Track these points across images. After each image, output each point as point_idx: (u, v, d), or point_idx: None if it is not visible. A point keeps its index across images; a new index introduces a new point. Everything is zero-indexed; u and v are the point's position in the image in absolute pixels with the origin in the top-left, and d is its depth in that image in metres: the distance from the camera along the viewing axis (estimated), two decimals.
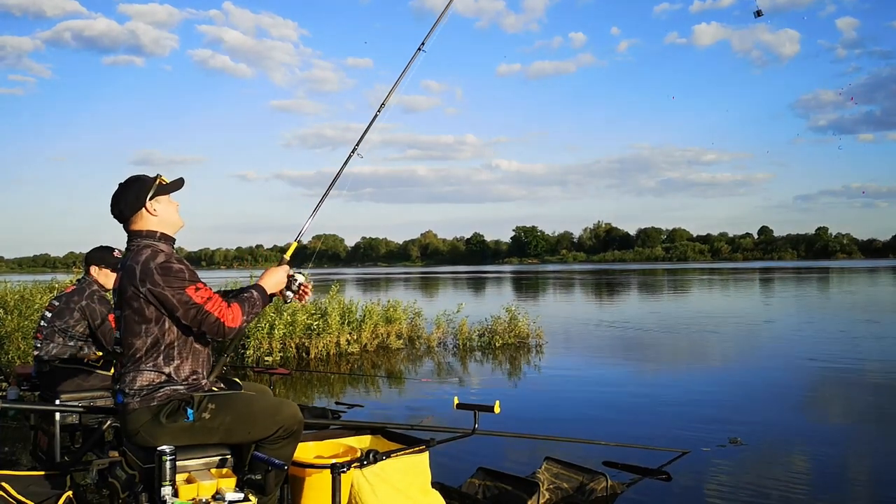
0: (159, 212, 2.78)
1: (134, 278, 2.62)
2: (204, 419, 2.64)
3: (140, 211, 2.76)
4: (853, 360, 9.90)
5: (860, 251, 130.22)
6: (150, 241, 2.74)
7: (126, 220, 2.79)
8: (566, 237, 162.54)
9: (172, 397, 2.64)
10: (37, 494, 3.03)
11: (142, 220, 2.77)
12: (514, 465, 4.84)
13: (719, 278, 45.54)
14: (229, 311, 2.68)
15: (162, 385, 2.65)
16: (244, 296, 2.82)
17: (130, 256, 2.70)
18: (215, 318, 2.64)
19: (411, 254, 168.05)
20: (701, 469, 4.89)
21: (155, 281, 2.60)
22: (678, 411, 6.91)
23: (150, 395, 2.63)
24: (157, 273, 2.61)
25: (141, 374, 2.64)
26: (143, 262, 2.63)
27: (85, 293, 4.48)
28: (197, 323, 2.64)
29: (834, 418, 6.80)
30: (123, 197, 2.78)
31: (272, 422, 2.74)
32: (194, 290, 2.64)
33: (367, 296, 15.26)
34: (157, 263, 2.62)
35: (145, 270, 2.61)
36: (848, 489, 4.53)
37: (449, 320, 12.63)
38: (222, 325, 2.65)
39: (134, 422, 2.63)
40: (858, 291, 28.34)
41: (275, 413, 2.76)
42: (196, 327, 2.66)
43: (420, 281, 51.48)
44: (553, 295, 31.09)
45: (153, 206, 2.77)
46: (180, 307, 2.61)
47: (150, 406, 2.62)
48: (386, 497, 3.14)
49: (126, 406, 2.64)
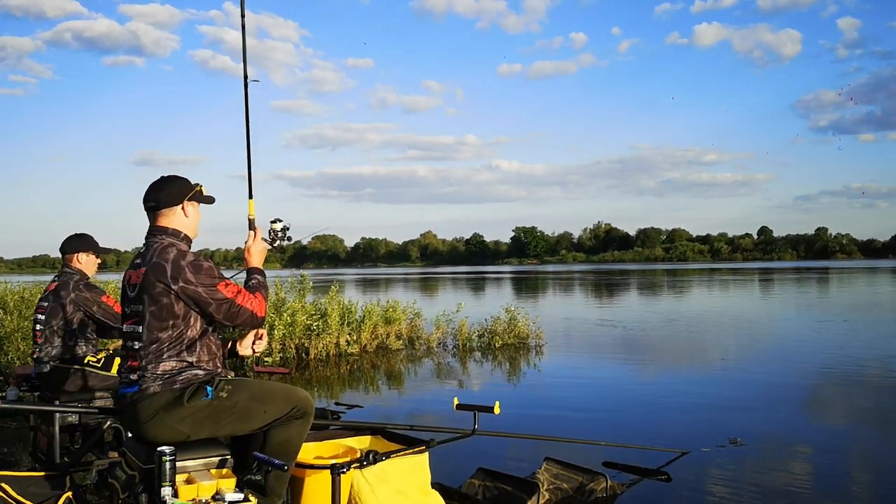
0: (190, 214, 2.88)
1: (164, 275, 2.65)
2: (221, 398, 2.68)
3: (175, 207, 2.84)
4: (853, 360, 9.90)
5: (860, 251, 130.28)
6: (174, 240, 2.78)
7: (158, 211, 2.83)
8: (566, 237, 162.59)
9: (193, 381, 2.69)
10: (36, 495, 3.03)
11: (173, 216, 2.83)
12: (514, 465, 4.85)
13: (719, 279, 45.55)
14: (256, 301, 2.83)
15: (184, 370, 2.69)
16: (253, 284, 2.96)
17: (155, 252, 2.72)
18: (249, 310, 2.77)
19: (411, 254, 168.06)
20: (701, 470, 4.89)
21: (187, 279, 2.66)
22: (678, 412, 6.91)
23: (172, 379, 2.67)
24: (188, 271, 2.66)
25: (163, 363, 2.68)
26: (172, 259, 2.68)
27: (70, 285, 4.39)
28: (231, 317, 2.75)
29: (834, 418, 6.80)
30: (167, 188, 2.85)
31: (287, 401, 2.79)
32: (224, 286, 2.73)
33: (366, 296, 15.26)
34: (187, 262, 2.68)
35: (177, 268, 2.66)
36: (848, 489, 4.53)
37: (448, 321, 12.63)
38: (255, 316, 2.80)
39: (152, 405, 2.63)
40: (858, 292, 28.34)
41: (289, 393, 2.82)
42: (230, 321, 2.77)
43: (420, 281, 51.47)
44: (553, 295, 31.11)
45: (188, 208, 2.86)
46: (214, 303, 2.70)
47: (172, 388, 2.66)
48: (386, 498, 3.14)
49: (145, 391, 2.65)
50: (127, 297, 2.79)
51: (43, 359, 4.38)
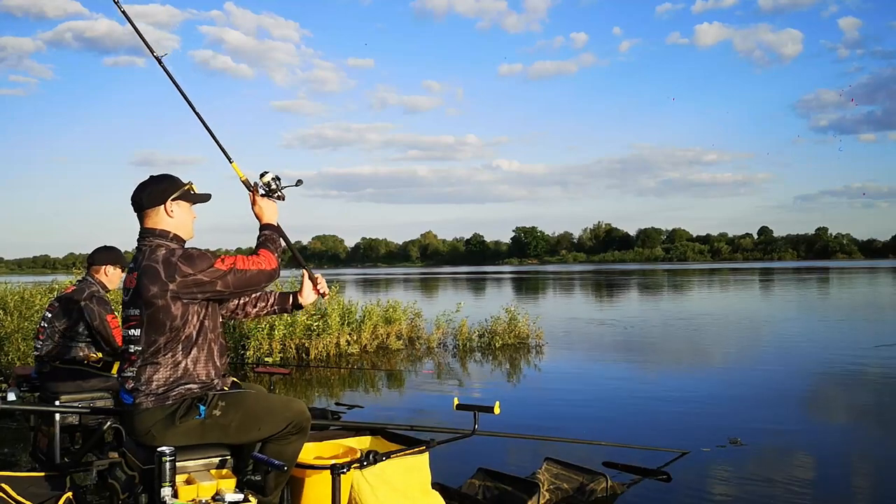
0: (176, 214, 2.79)
1: (156, 277, 2.61)
2: (215, 416, 2.64)
3: (158, 207, 2.77)
4: (853, 360, 9.90)
5: (860, 251, 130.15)
6: (162, 241, 2.74)
7: (142, 212, 2.79)
8: (566, 238, 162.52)
9: (186, 396, 2.65)
10: (36, 495, 3.02)
11: (157, 216, 2.77)
12: (514, 465, 4.84)
13: (719, 279, 45.54)
14: (259, 258, 2.79)
15: (177, 384, 2.65)
16: (261, 239, 2.93)
17: (145, 255, 2.70)
18: (254, 269, 2.73)
19: (411, 254, 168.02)
20: (701, 469, 4.89)
21: (184, 272, 2.62)
22: (678, 412, 6.91)
23: (164, 395, 2.63)
24: (182, 264, 2.63)
25: (157, 371, 2.64)
26: (162, 260, 2.64)
27: (84, 293, 4.48)
28: (241, 283, 2.70)
29: (834, 418, 6.80)
30: (149, 188, 2.80)
31: (282, 418, 2.75)
32: (220, 262, 2.69)
33: (366, 296, 15.25)
34: (177, 257, 2.65)
35: (169, 266, 2.62)
36: (849, 489, 4.53)
37: (449, 321, 12.63)
38: (264, 272, 2.75)
39: (145, 421, 2.62)
40: (858, 292, 28.33)
41: (284, 409, 2.78)
42: (243, 287, 2.73)
43: (420, 281, 51.47)
44: (553, 295, 31.11)
45: (171, 207, 2.78)
46: (219, 280, 2.66)
47: (164, 405, 2.62)
48: (386, 498, 3.14)
49: (138, 406, 2.63)
50: (125, 301, 2.78)
51: (43, 359, 4.42)
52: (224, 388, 2.80)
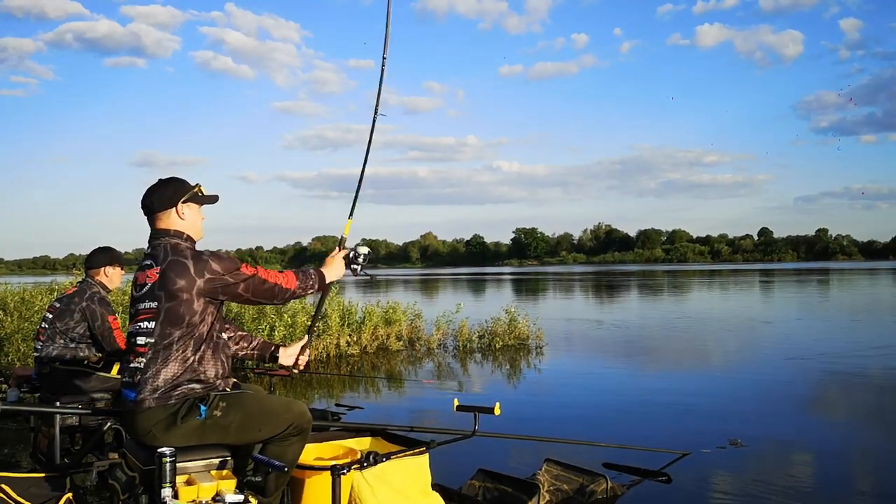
0: (187, 216, 2.84)
1: (185, 271, 2.64)
2: (216, 416, 2.65)
3: (170, 209, 2.81)
4: (853, 360, 9.90)
5: (860, 253, 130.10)
6: (179, 241, 2.78)
7: (153, 215, 2.82)
8: (566, 239, 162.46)
9: (189, 395, 2.66)
10: (36, 496, 3.02)
11: (169, 219, 2.81)
12: (515, 466, 4.85)
13: (719, 280, 45.54)
14: (282, 276, 2.88)
15: (182, 380, 2.66)
16: (305, 268, 3.02)
17: (167, 252, 2.71)
18: (273, 282, 2.81)
19: (411, 255, 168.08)
20: (701, 471, 4.89)
21: (213, 269, 2.67)
22: (678, 413, 6.91)
23: (167, 394, 2.63)
24: (213, 262, 2.68)
25: (167, 364, 2.65)
26: (192, 256, 2.70)
27: (85, 294, 4.50)
28: (259, 292, 2.78)
29: (835, 419, 6.80)
30: (159, 191, 2.83)
31: (282, 419, 2.76)
32: (245, 266, 2.77)
33: (366, 297, 15.26)
34: (209, 254, 2.71)
35: (199, 262, 2.67)
36: (849, 490, 4.53)
37: (449, 322, 12.63)
38: (280, 287, 2.83)
39: (147, 420, 2.62)
40: (858, 293, 28.34)
41: (285, 411, 2.79)
42: (259, 296, 2.80)
43: (420, 282, 51.47)
44: (553, 296, 31.11)
45: (182, 209, 2.83)
46: (242, 283, 2.72)
47: (166, 405, 2.63)
48: (386, 499, 3.14)
49: (140, 404, 2.63)
50: (137, 296, 2.76)
51: (44, 360, 4.42)
52: (226, 388, 2.80)
